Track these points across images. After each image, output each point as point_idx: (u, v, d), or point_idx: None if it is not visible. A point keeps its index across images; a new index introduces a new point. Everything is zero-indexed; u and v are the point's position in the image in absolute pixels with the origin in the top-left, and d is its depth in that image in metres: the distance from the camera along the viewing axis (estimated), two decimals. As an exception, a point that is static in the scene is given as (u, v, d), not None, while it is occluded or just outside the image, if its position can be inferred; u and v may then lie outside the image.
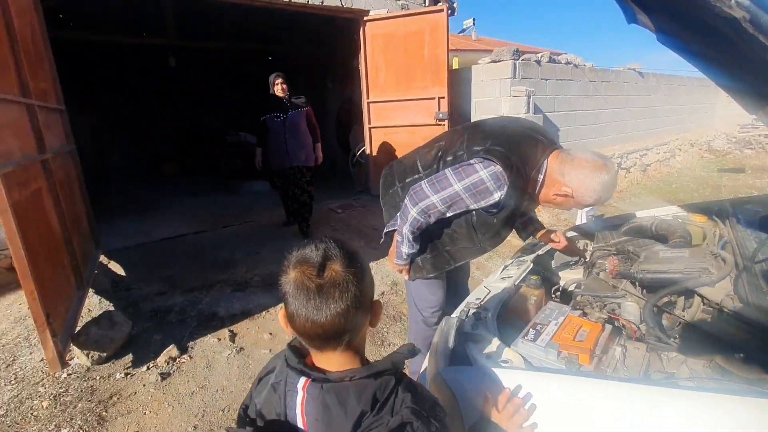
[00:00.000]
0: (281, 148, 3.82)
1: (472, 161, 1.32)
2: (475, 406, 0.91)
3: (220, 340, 2.43)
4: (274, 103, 3.78)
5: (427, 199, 1.36)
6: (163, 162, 8.41)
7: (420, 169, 1.55)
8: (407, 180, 1.58)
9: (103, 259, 3.56)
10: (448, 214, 1.41)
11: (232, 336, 2.47)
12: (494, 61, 4.99)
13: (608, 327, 1.06)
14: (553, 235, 1.66)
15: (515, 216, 1.47)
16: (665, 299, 1.18)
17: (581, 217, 4.01)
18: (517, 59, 4.88)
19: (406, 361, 0.73)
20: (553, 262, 1.84)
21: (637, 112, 7.59)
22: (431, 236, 1.55)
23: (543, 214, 4.76)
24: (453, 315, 1.33)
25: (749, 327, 0.90)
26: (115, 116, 8.25)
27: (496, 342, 1.07)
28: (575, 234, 1.92)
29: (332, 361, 0.69)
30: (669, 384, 0.80)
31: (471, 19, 9.71)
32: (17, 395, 2.00)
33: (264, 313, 2.76)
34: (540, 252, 1.75)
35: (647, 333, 1.06)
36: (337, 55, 6.96)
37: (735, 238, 1.26)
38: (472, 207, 1.37)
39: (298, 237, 4.04)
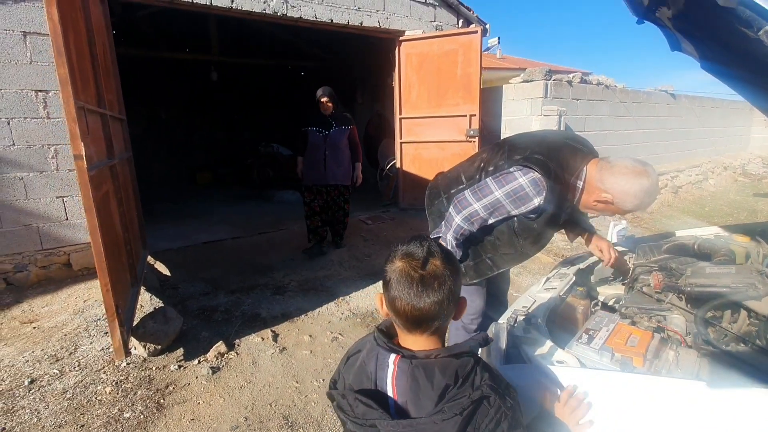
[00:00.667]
0: (319, 164, 3.79)
1: (511, 169, 1.41)
2: (534, 400, 0.99)
3: (263, 339, 2.55)
4: (318, 117, 3.78)
5: (470, 207, 1.45)
6: (197, 171, 8.78)
7: (464, 180, 1.65)
8: (452, 191, 1.68)
9: (149, 259, 3.78)
10: (490, 221, 1.49)
11: (275, 336, 2.59)
12: (526, 81, 5.09)
13: (657, 335, 1.13)
14: (601, 245, 1.61)
15: (556, 221, 1.53)
16: (711, 313, 1.24)
17: (612, 236, 4.00)
18: (549, 79, 4.97)
19: None
20: (592, 277, 1.90)
21: (668, 134, 7.53)
22: (474, 243, 1.64)
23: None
24: (500, 321, 1.41)
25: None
26: (156, 126, 8.69)
27: (548, 344, 1.15)
28: (623, 249, 1.96)
29: (418, 343, 0.80)
30: (724, 384, 0.87)
31: (496, 38, 9.86)
32: (82, 380, 2.16)
33: (303, 316, 2.88)
34: (581, 266, 1.82)
35: (694, 343, 1.12)
36: (367, 71, 7.21)
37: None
38: (513, 213, 1.45)
39: (331, 246, 4.17)
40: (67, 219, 3.37)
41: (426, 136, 5.25)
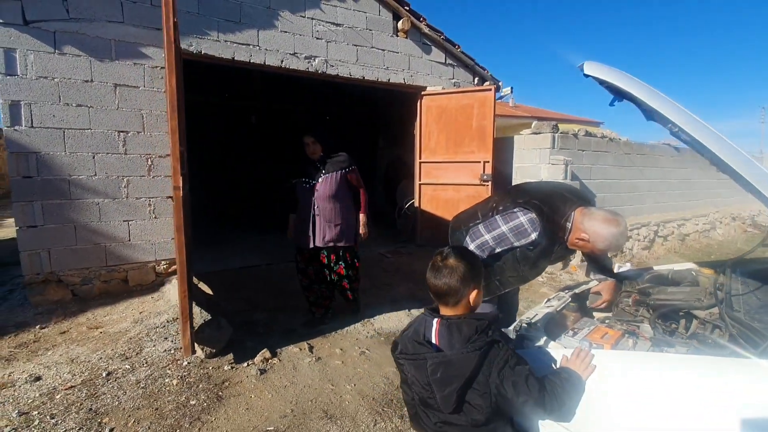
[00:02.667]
0: (307, 222, 3.11)
1: (515, 210, 1.86)
2: (547, 364, 1.36)
3: (300, 350, 2.92)
4: (305, 165, 3.19)
5: (482, 237, 1.90)
6: (228, 202, 9.39)
7: (480, 217, 2.10)
8: (470, 225, 2.12)
9: (194, 279, 4.22)
10: (497, 250, 1.92)
11: (311, 348, 2.96)
12: (535, 133, 5.62)
13: (626, 335, 1.50)
14: (604, 294, 1.99)
15: (549, 252, 1.92)
16: (674, 325, 1.60)
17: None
18: (556, 132, 5.49)
19: None
20: (588, 302, 2.27)
21: (674, 184, 7.89)
22: (486, 268, 2.06)
23: (580, 273, 5.09)
24: (510, 328, 1.80)
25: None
26: (192, 158, 9.44)
27: (544, 338, 1.53)
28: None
29: (452, 312, 1.23)
30: (663, 353, 1.24)
31: (509, 88, 10.64)
32: (151, 374, 2.54)
33: (333, 333, 3.24)
34: (577, 291, 2.19)
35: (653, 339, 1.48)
36: (390, 118, 7.89)
37: (728, 283, 1.67)
38: (515, 244, 1.88)
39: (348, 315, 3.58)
40: (129, 240, 3.87)
41: (443, 178, 5.75)
